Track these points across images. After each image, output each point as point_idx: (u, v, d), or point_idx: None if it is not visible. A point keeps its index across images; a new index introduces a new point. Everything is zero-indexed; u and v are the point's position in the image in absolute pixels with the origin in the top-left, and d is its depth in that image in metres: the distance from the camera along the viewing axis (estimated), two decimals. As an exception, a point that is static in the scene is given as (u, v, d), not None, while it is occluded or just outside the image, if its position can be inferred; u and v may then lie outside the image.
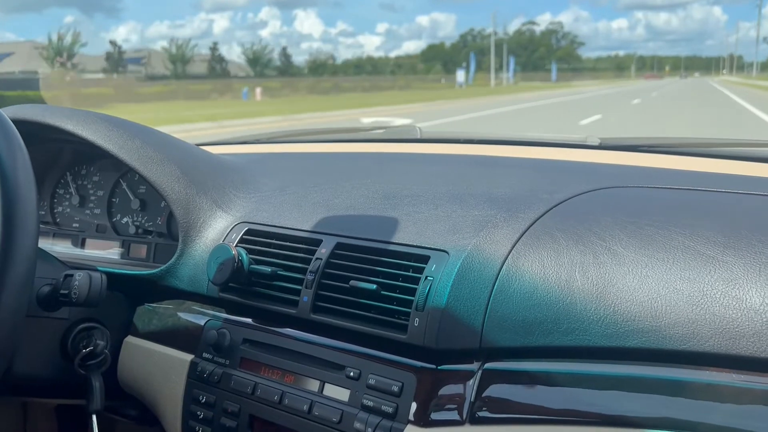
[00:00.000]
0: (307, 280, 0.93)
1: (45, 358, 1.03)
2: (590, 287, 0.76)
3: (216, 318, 1.03)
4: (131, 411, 1.21)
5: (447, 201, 0.98)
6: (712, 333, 0.68)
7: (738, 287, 0.70)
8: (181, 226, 1.08)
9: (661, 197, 0.95)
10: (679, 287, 0.72)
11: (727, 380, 0.67)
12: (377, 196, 1.04)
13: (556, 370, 0.76)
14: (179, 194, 1.08)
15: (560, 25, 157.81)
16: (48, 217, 1.39)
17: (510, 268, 0.81)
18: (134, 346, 1.11)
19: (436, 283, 0.83)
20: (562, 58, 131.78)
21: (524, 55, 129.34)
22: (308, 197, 1.08)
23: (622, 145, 1.30)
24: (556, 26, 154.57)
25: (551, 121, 16.43)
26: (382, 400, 0.83)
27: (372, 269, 0.90)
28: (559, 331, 0.76)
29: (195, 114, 18.45)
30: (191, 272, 1.06)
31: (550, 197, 0.94)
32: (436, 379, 0.81)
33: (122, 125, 1.15)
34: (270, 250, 1.00)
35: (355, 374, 0.86)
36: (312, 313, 0.92)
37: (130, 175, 1.31)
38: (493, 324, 0.79)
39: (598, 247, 0.79)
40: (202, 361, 1.01)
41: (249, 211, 1.08)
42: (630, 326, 0.72)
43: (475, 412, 0.77)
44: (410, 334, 0.83)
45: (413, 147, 1.50)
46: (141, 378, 1.09)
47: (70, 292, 0.92)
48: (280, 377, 0.93)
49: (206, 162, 1.19)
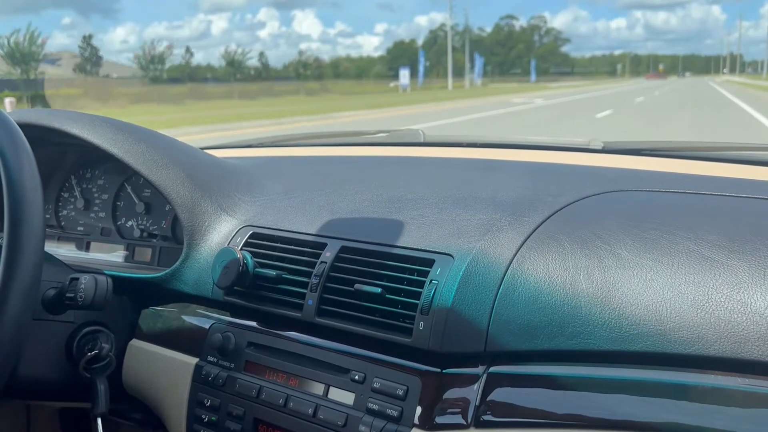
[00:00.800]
0: (311, 283, 0.93)
1: (50, 361, 1.03)
2: (595, 291, 0.76)
3: (221, 321, 1.03)
4: (136, 414, 1.21)
5: (451, 205, 0.98)
6: (717, 337, 0.68)
7: (743, 291, 0.70)
8: (185, 230, 1.08)
9: (665, 201, 0.95)
10: (683, 291, 0.72)
11: (733, 384, 0.67)
12: (381, 200, 1.05)
13: (561, 373, 0.76)
14: (184, 198, 1.09)
15: (543, 20, 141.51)
16: (53, 221, 1.39)
17: (515, 272, 0.81)
18: (139, 349, 1.11)
19: (441, 287, 0.83)
20: (543, 56, 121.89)
21: (501, 53, 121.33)
22: (313, 201, 1.09)
23: (626, 149, 1.30)
24: (539, 21, 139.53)
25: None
26: (387, 404, 0.83)
27: (376, 273, 0.90)
28: (564, 335, 0.76)
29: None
30: (196, 275, 1.07)
31: (555, 201, 0.94)
32: (441, 383, 0.82)
33: (127, 129, 1.16)
34: (275, 253, 1.00)
35: (360, 378, 0.87)
36: (317, 316, 0.92)
37: (134, 179, 1.31)
38: (498, 327, 0.79)
39: (602, 251, 0.79)
40: (206, 365, 1.01)
41: (254, 214, 1.09)
42: (635, 330, 0.72)
43: (480, 415, 0.77)
44: (415, 338, 0.83)
45: (417, 151, 1.51)
46: (146, 381, 1.09)
47: (75, 295, 0.92)
48: (284, 380, 0.93)
49: (211, 166, 1.19)
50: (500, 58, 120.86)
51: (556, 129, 14.53)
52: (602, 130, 13.85)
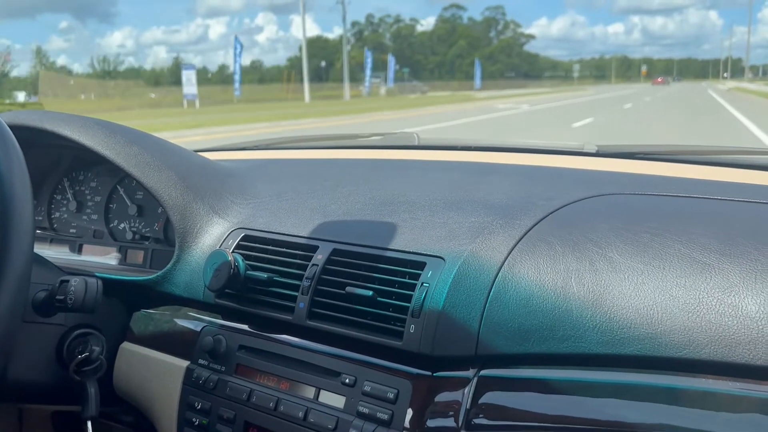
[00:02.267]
0: (303, 286, 0.93)
1: (40, 363, 1.03)
2: (586, 294, 0.76)
3: (212, 324, 1.03)
4: (127, 417, 1.21)
5: (443, 207, 0.98)
6: (708, 340, 0.68)
7: (734, 295, 0.70)
8: (177, 232, 1.08)
9: (657, 204, 0.95)
10: (675, 294, 0.72)
11: (723, 388, 0.67)
12: (374, 203, 1.04)
13: (552, 377, 0.76)
14: (176, 200, 1.08)
15: (501, 12, 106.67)
16: (45, 223, 1.39)
17: (506, 275, 0.81)
18: (130, 352, 1.10)
19: (432, 290, 0.83)
20: (493, 56, 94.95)
21: (441, 52, 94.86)
22: (305, 203, 1.08)
23: (620, 153, 1.31)
24: (495, 13, 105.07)
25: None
26: (377, 407, 0.83)
27: (368, 275, 0.90)
28: (555, 338, 0.75)
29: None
30: (188, 278, 1.06)
31: (547, 204, 0.94)
32: (431, 386, 0.81)
33: (120, 131, 1.15)
34: (266, 256, 1.00)
35: (350, 381, 0.86)
36: (308, 319, 0.92)
37: (127, 181, 1.31)
38: (489, 331, 0.79)
39: (594, 255, 0.79)
40: (197, 368, 1.00)
41: (246, 217, 1.08)
42: (626, 334, 0.72)
43: (471, 419, 0.77)
44: (406, 341, 0.83)
45: (410, 154, 1.50)
46: (137, 384, 1.09)
47: (66, 297, 0.92)
48: (275, 384, 0.93)
49: (203, 168, 1.19)
50: (439, 57, 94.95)
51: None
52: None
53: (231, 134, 13.04)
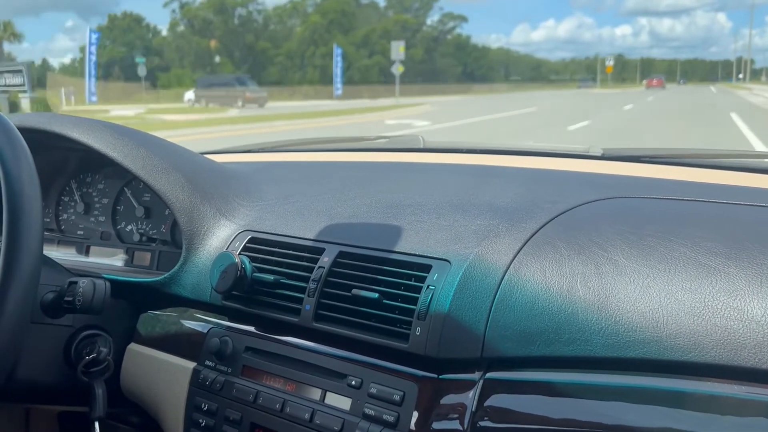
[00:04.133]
0: (309, 288, 0.93)
1: (48, 364, 1.03)
2: (592, 297, 0.76)
3: (218, 326, 1.03)
4: (133, 418, 1.21)
5: (449, 210, 0.98)
6: (714, 344, 0.68)
7: (740, 298, 0.70)
8: (184, 234, 1.08)
9: (663, 208, 0.96)
10: (680, 298, 0.72)
11: (729, 392, 0.67)
12: (380, 205, 1.05)
13: (558, 380, 0.76)
14: (183, 202, 1.09)
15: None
16: (53, 225, 1.40)
17: (512, 278, 0.81)
18: (137, 354, 1.11)
19: (438, 293, 0.83)
20: (367, 41, 53.37)
21: (299, 40, 53.03)
22: (311, 206, 1.09)
23: (625, 156, 1.31)
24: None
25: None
26: (383, 409, 0.83)
27: (374, 278, 0.90)
28: (561, 341, 0.76)
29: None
30: (194, 280, 1.07)
31: (553, 207, 0.94)
32: (437, 389, 0.81)
33: (128, 134, 1.16)
34: (273, 258, 1.01)
35: (356, 383, 0.87)
36: (314, 321, 0.92)
37: (134, 183, 1.32)
38: (495, 333, 0.79)
39: (599, 258, 0.79)
40: (204, 369, 1.01)
41: (252, 219, 1.09)
42: (631, 337, 0.72)
43: (477, 421, 0.77)
44: (412, 343, 0.83)
45: (416, 156, 1.51)
46: (143, 385, 1.09)
47: (74, 299, 0.93)
48: (281, 385, 0.93)
49: (210, 171, 1.20)
50: (296, 45, 55.75)
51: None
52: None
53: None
